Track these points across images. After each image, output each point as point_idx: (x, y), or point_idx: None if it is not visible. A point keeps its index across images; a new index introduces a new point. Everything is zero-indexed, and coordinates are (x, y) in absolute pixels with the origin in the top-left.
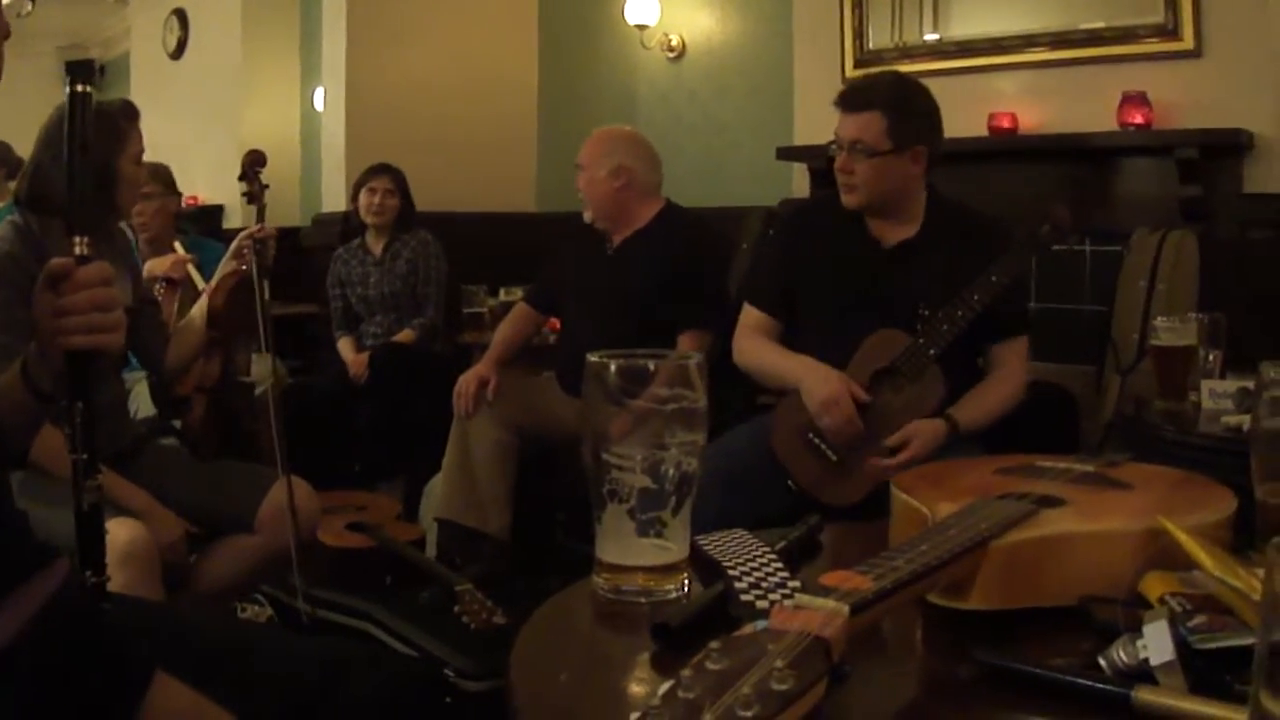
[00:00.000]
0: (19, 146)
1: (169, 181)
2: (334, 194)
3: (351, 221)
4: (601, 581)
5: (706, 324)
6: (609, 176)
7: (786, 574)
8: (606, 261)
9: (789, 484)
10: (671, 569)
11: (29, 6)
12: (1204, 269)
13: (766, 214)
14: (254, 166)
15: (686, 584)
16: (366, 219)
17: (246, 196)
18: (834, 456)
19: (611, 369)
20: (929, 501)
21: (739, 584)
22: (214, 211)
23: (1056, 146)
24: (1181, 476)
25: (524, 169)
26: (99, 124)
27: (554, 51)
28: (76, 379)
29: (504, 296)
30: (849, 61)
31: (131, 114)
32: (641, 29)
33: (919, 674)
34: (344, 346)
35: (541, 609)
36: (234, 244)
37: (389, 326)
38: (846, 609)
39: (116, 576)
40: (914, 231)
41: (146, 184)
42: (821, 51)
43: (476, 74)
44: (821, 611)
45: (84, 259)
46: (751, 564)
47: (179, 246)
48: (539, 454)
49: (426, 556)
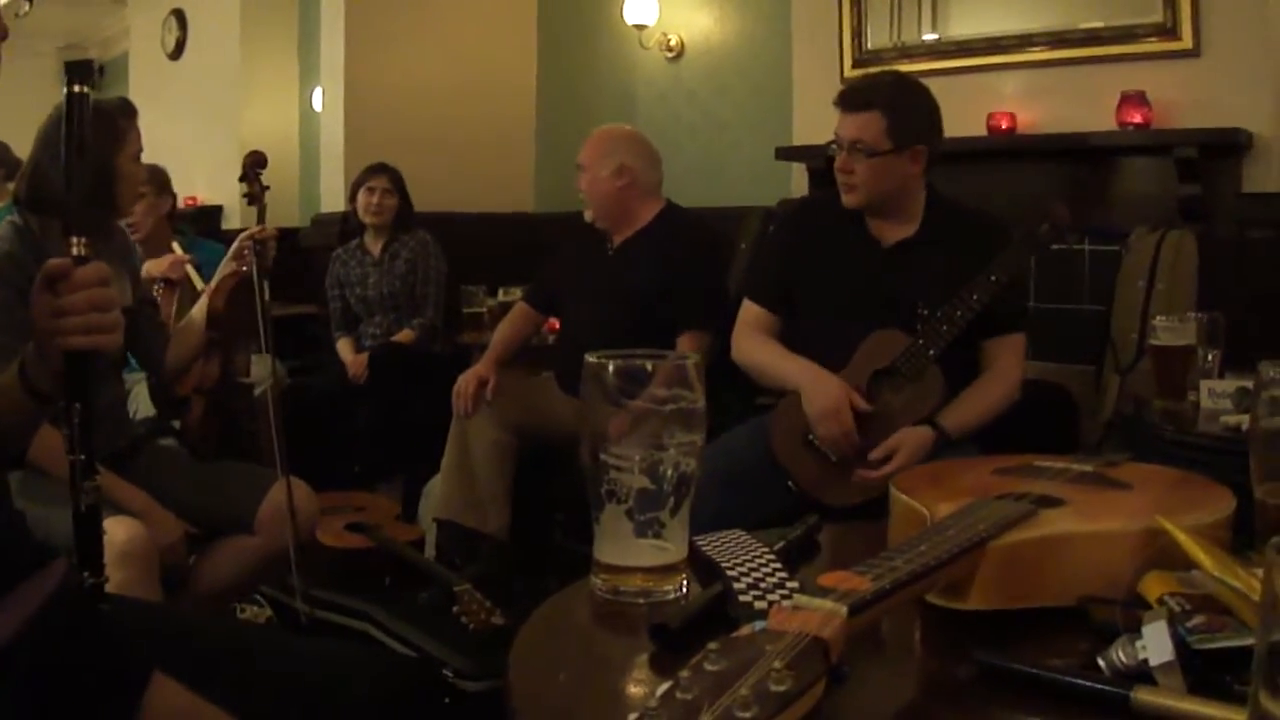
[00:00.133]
0: (17, 147)
1: (162, 182)
2: (333, 194)
3: (350, 222)
4: (600, 582)
5: (706, 325)
6: (612, 176)
7: (785, 574)
8: (607, 262)
9: (789, 484)
10: (670, 570)
11: (26, 7)
12: (1203, 268)
13: (765, 214)
14: (255, 167)
15: (685, 585)
16: (365, 219)
17: (247, 198)
18: (834, 457)
19: (610, 369)
20: (928, 502)
21: (737, 585)
22: (213, 212)
23: (1055, 146)
24: (1180, 476)
25: (523, 169)
26: (98, 122)
27: (553, 51)
28: (74, 379)
29: (503, 296)
30: (847, 61)
31: (130, 112)
32: (640, 29)
33: (918, 675)
34: (343, 347)
35: (540, 609)
36: (234, 245)
37: (388, 327)
38: (845, 609)
39: (114, 575)
40: (913, 231)
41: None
42: (820, 51)
43: (475, 74)
44: (820, 612)
45: (81, 259)
46: (750, 564)
47: (176, 247)
48: (538, 454)
49: (425, 557)
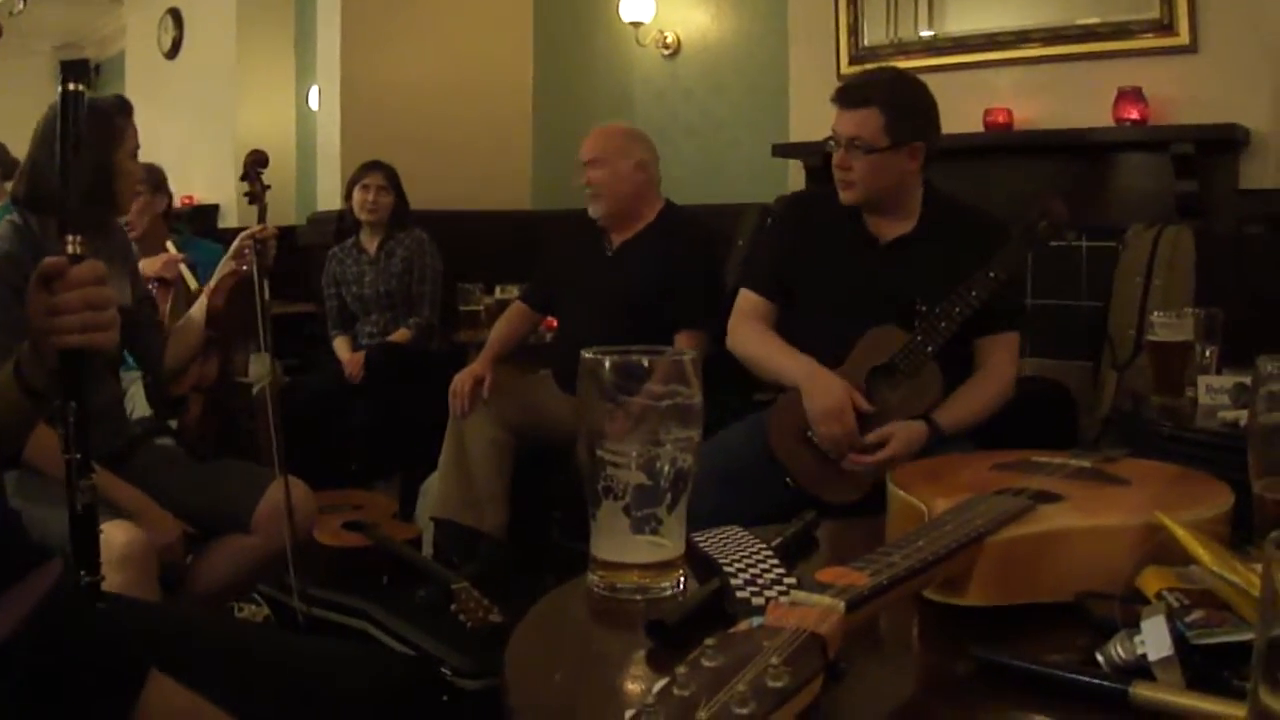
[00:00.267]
0: (14, 146)
1: (157, 181)
2: (329, 193)
3: (346, 220)
4: (597, 579)
5: (704, 324)
6: (633, 170)
7: (782, 570)
8: (606, 262)
9: (786, 481)
10: (667, 566)
11: (20, 5)
12: (1200, 264)
13: (762, 211)
14: (256, 166)
15: (682, 581)
16: (360, 216)
17: (248, 196)
18: (832, 455)
19: (606, 365)
20: (925, 497)
21: (735, 581)
22: (209, 211)
23: (1052, 142)
24: (1179, 472)
25: (519, 167)
26: (95, 121)
27: (549, 49)
28: (70, 378)
29: (500, 294)
30: (844, 58)
31: (126, 109)
32: (636, 26)
33: (916, 670)
34: (339, 346)
35: (537, 607)
36: (234, 244)
37: (384, 326)
38: (842, 605)
39: (113, 579)
40: (911, 227)
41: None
42: (817, 48)
43: (471, 72)
44: (817, 608)
45: (77, 258)
46: (747, 561)
47: (170, 246)
48: (535, 453)
49: (423, 555)
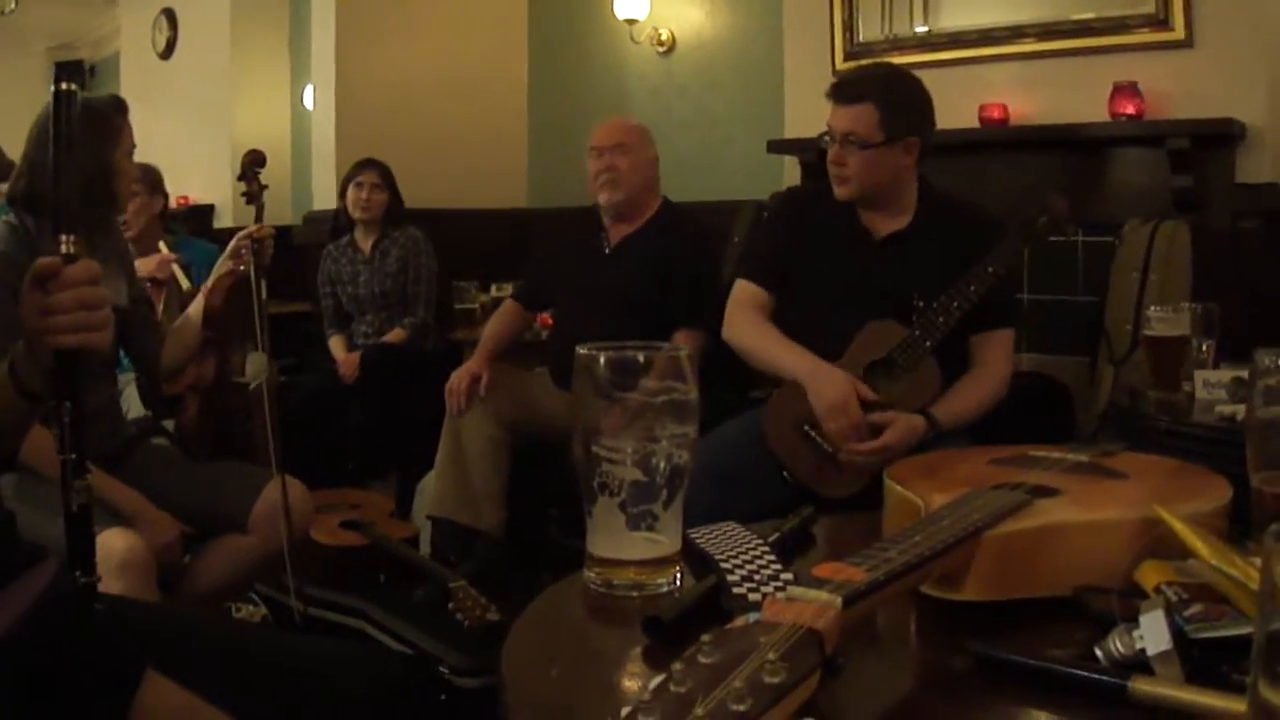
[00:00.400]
0: (9, 148)
1: (154, 182)
2: (325, 192)
3: (340, 219)
4: (593, 576)
5: (703, 323)
6: (649, 163)
7: (779, 566)
8: (605, 259)
9: (784, 476)
10: (663, 562)
11: (12, 5)
12: (1196, 259)
13: (758, 207)
14: (253, 166)
15: (678, 577)
16: (354, 214)
17: (246, 196)
18: (829, 448)
19: (601, 361)
20: (922, 492)
21: (731, 577)
22: (205, 211)
23: (1048, 137)
24: (1177, 465)
25: (515, 164)
26: (92, 120)
27: (544, 47)
28: (64, 378)
29: (495, 292)
30: (839, 54)
31: (122, 108)
32: (631, 23)
33: (913, 666)
34: (335, 345)
35: (534, 604)
36: (232, 244)
37: (379, 326)
38: (839, 601)
39: (113, 586)
40: (906, 223)
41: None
42: (811, 44)
43: (466, 70)
44: (814, 603)
45: (71, 257)
46: (744, 557)
47: (163, 246)
48: (532, 450)
49: (420, 554)
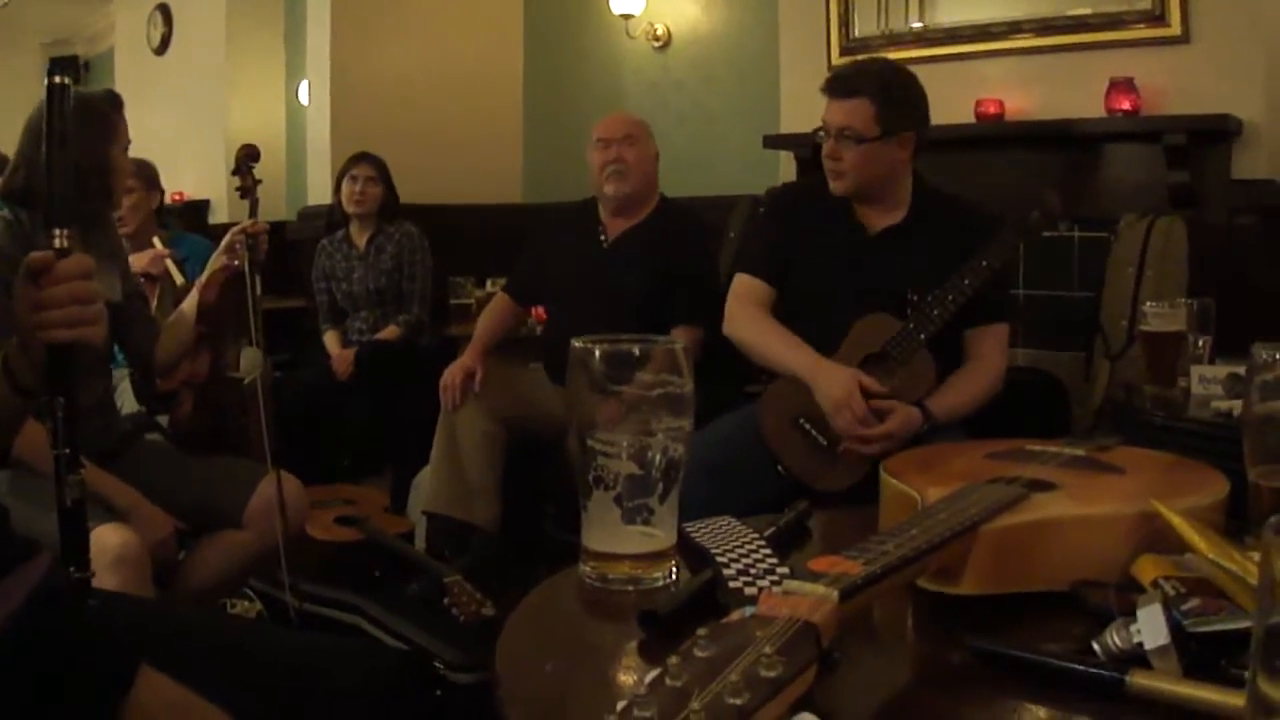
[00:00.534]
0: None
1: (150, 178)
2: (320, 187)
3: (335, 214)
4: (588, 570)
5: (702, 320)
6: (654, 158)
7: (775, 560)
8: (602, 255)
9: (779, 470)
10: (659, 556)
11: None
12: (1192, 255)
13: (754, 202)
14: (247, 160)
15: (674, 571)
16: (349, 209)
17: (240, 191)
18: (824, 442)
19: (597, 354)
20: (918, 486)
21: (727, 571)
22: (200, 206)
23: (1044, 133)
24: (1173, 460)
25: (510, 160)
26: (89, 116)
27: (539, 42)
28: (57, 373)
29: (490, 287)
30: (834, 49)
31: (117, 104)
32: (626, 19)
33: (910, 660)
34: (330, 340)
35: (528, 598)
36: (226, 239)
37: (374, 322)
38: (836, 594)
39: (108, 581)
40: (901, 217)
41: (129, 178)
42: (807, 39)
43: (462, 65)
44: (811, 597)
45: (64, 252)
46: (740, 550)
47: (157, 242)
48: (527, 446)
49: (415, 549)
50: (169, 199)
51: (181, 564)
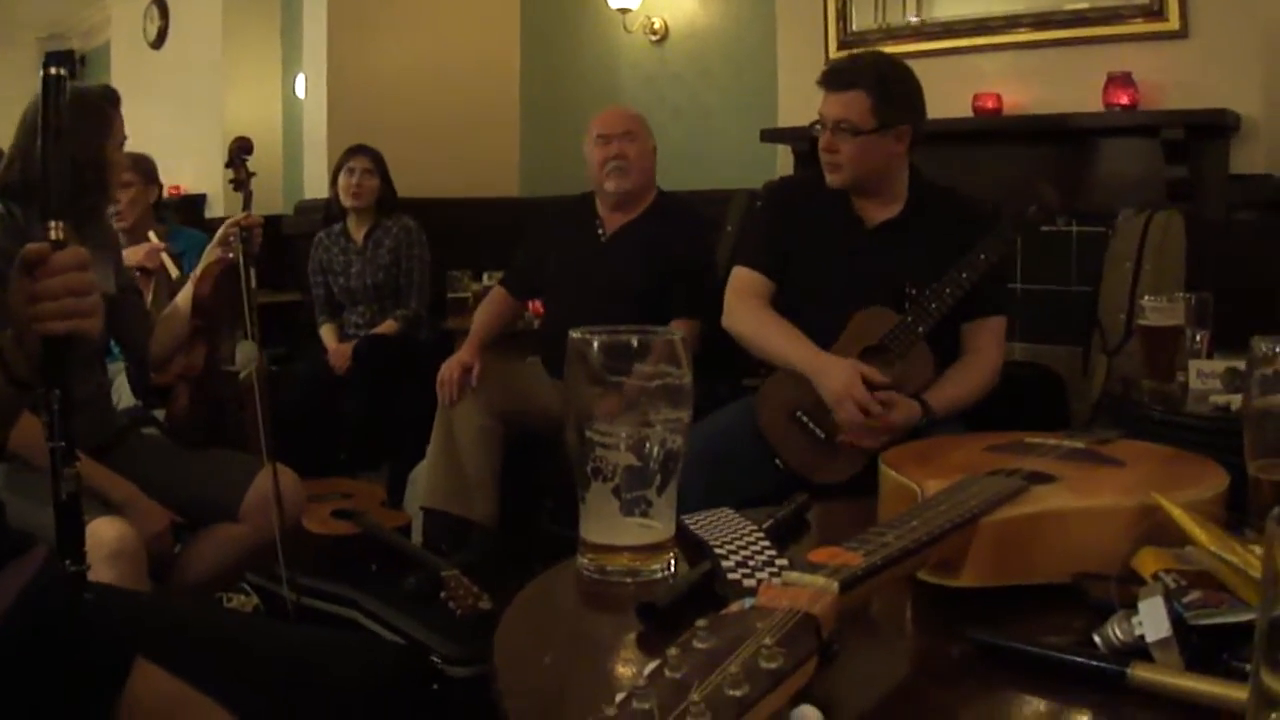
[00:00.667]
0: None
1: (148, 172)
2: (316, 181)
3: (332, 208)
4: (586, 562)
5: (700, 313)
6: (652, 152)
7: (774, 552)
8: (600, 249)
9: (777, 463)
10: (657, 548)
11: None
12: (1190, 250)
13: (751, 196)
14: (241, 153)
15: (673, 563)
16: (345, 202)
17: (233, 183)
18: (822, 435)
19: (595, 346)
20: (918, 478)
21: (726, 562)
22: (197, 200)
23: (1041, 127)
24: (1173, 453)
25: (508, 153)
26: (85, 111)
27: (536, 36)
28: (53, 365)
29: (488, 281)
30: (832, 43)
31: (114, 99)
32: (624, 13)
33: (910, 652)
34: (326, 334)
35: (525, 591)
36: (219, 232)
37: (371, 317)
38: (836, 585)
39: (104, 574)
40: (898, 211)
41: (126, 172)
42: (804, 33)
43: (458, 59)
44: (810, 588)
45: (59, 244)
46: (739, 542)
47: (153, 235)
48: (525, 440)
49: (412, 543)
50: (166, 193)
51: (177, 558)
